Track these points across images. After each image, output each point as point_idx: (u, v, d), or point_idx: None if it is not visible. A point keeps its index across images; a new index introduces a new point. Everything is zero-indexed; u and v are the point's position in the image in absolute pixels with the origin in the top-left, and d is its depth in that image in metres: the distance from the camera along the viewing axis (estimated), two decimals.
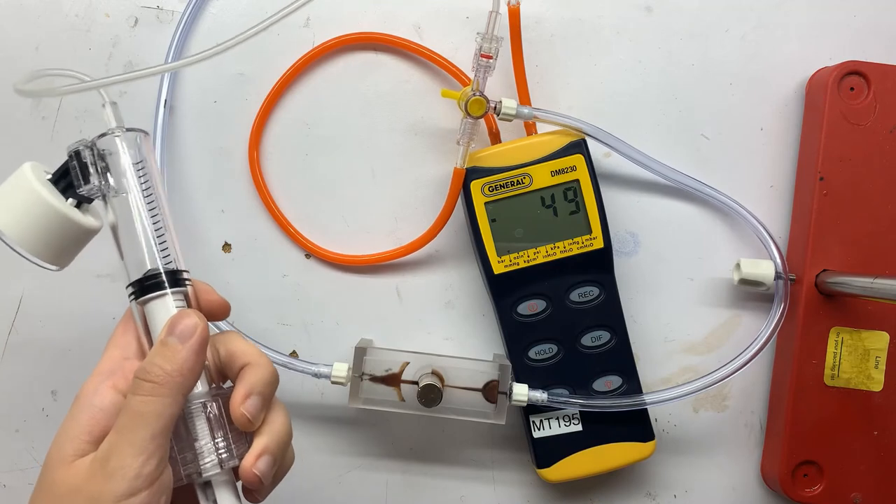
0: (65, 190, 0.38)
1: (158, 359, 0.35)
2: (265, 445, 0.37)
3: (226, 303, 0.41)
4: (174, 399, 0.35)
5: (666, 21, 0.53)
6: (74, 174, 0.37)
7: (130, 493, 0.33)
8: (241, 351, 0.38)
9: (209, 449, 0.36)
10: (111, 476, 0.33)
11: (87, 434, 0.35)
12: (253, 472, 0.36)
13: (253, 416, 0.37)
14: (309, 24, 0.52)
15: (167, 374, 0.35)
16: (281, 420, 0.38)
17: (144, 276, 0.37)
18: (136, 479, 0.33)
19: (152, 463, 0.33)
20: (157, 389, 0.34)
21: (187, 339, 0.36)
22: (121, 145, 0.38)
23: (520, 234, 0.48)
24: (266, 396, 0.38)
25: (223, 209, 0.52)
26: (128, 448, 0.33)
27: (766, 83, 0.53)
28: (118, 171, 0.38)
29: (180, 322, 0.36)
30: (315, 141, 0.52)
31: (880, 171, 0.49)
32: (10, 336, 0.53)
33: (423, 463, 0.53)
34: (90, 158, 0.38)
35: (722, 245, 0.53)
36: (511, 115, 0.48)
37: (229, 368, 0.38)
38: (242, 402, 0.36)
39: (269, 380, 0.38)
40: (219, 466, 0.36)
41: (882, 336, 0.49)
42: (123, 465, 0.33)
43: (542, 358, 0.49)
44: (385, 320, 0.53)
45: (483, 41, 0.46)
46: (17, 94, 0.41)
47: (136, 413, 0.34)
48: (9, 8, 0.52)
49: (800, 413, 0.49)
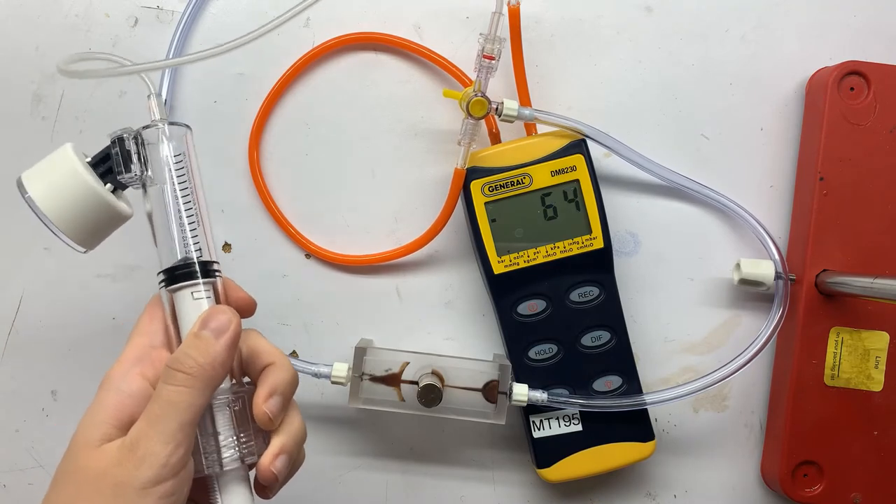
0: (103, 175, 0.39)
1: (193, 351, 0.36)
2: (283, 444, 0.38)
3: (252, 301, 0.42)
4: (204, 391, 0.35)
5: (666, 21, 0.53)
6: (116, 160, 0.38)
7: (157, 481, 0.33)
8: (265, 350, 0.39)
9: (231, 443, 0.37)
10: (140, 463, 0.33)
11: (115, 419, 0.35)
12: (271, 469, 0.37)
13: (274, 415, 0.37)
14: (309, 24, 0.52)
15: (200, 367, 0.35)
16: (298, 421, 0.39)
17: (176, 265, 0.38)
18: (164, 468, 0.33)
19: (180, 452, 0.34)
20: (190, 381, 0.35)
21: (221, 335, 0.36)
22: (163, 137, 0.39)
23: (520, 234, 0.48)
24: (287, 397, 0.38)
25: (223, 209, 0.52)
26: (157, 436, 0.34)
27: (766, 83, 0.53)
28: (158, 162, 0.39)
29: (215, 317, 0.37)
30: (315, 141, 0.52)
31: (880, 171, 0.49)
32: (10, 336, 0.52)
33: (423, 463, 0.53)
34: (133, 147, 0.39)
35: (722, 245, 0.53)
36: (512, 117, 0.48)
37: (251, 366, 0.39)
38: (265, 401, 0.37)
39: (291, 381, 0.39)
40: (239, 461, 0.37)
41: (882, 336, 0.49)
42: (153, 452, 0.33)
43: (542, 358, 0.49)
44: (385, 320, 0.53)
45: (486, 42, 0.46)
46: (60, 73, 0.41)
47: (168, 402, 0.34)
48: (9, 8, 0.52)
49: (800, 413, 0.49)
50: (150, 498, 0.33)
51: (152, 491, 0.33)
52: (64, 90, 0.52)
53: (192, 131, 0.41)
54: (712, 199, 0.51)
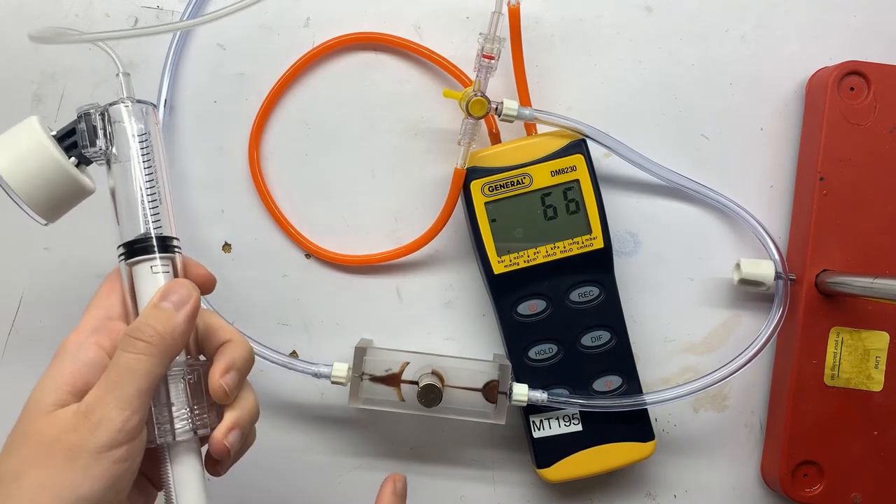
0: (67, 149, 0.39)
1: (152, 321, 0.36)
2: (237, 419, 0.38)
3: (212, 277, 0.42)
4: (162, 361, 0.36)
5: (666, 21, 0.53)
6: (81, 135, 0.39)
7: (112, 446, 0.34)
8: (221, 327, 0.40)
9: (184, 415, 0.37)
10: (95, 427, 0.34)
11: (70, 385, 0.35)
12: (224, 443, 0.38)
13: (231, 389, 0.38)
14: (309, 24, 0.52)
15: (160, 336, 0.36)
16: (251, 398, 0.40)
17: (135, 239, 0.39)
18: (119, 433, 0.34)
19: (135, 419, 0.34)
20: (148, 349, 0.35)
21: (182, 307, 0.37)
22: (128, 114, 0.39)
23: (520, 234, 0.48)
24: (243, 373, 0.39)
25: (223, 209, 0.52)
26: (114, 402, 0.34)
27: (766, 83, 0.53)
28: (122, 139, 0.39)
29: (175, 290, 0.37)
30: (315, 141, 0.52)
31: (880, 171, 0.49)
32: (10, 336, 0.53)
33: (423, 463, 0.53)
34: (99, 122, 0.39)
35: (722, 245, 0.53)
36: (512, 117, 0.48)
37: (207, 343, 0.40)
38: (222, 375, 0.38)
39: (248, 357, 0.39)
40: (192, 432, 0.38)
41: (882, 336, 0.49)
42: (108, 417, 0.34)
43: (542, 358, 0.49)
44: (385, 320, 0.53)
45: (485, 42, 0.46)
46: (30, 40, 0.41)
47: (126, 369, 0.35)
48: (9, 8, 0.52)
49: (800, 413, 0.49)
50: (105, 462, 0.33)
51: (107, 455, 0.33)
52: (64, 90, 0.52)
53: (156, 109, 0.41)
54: (712, 199, 0.51)
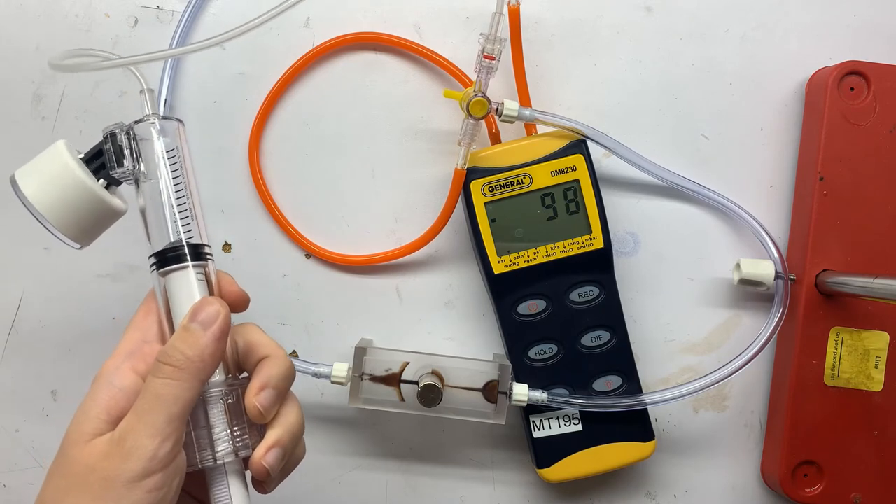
0: (96, 171, 0.39)
1: (180, 343, 0.36)
2: (276, 438, 0.38)
3: (246, 295, 0.42)
4: (192, 384, 0.35)
5: (666, 21, 0.53)
6: (108, 156, 0.39)
7: (145, 475, 0.33)
8: (260, 343, 0.39)
9: (225, 437, 0.37)
10: (127, 456, 0.33)
11: (106, 413, 0.35)
12: (262, 463, 0.37)
13: (265, 408, 0.37)
14: (309, 24, 0.52)
15: (188, 360, 0.35)
16: (294, 414, 0.39)
17: (167, 248, 0.38)
18: (152, 461, 0.33)
19: (167, 445, 0.34)
20: (177, 374, 0.35)
21: (209, 326, 0.36)
22: (155, 132, 0.39)
23: (520, 234, 0.48)
24: (281, 391, 0.38)
25: (223, 209, 0.52)
26: (144, 429, 0.34)
27: (766, 83, 0.53)
28: (151, 157, 0.39)
29: (203, 309, 0.37)
30: (315, 141, 0.52)
31: (880, 171, 0.49)
32: (10, 336, 0.53)
33: (423, 463, 0.53)
34: (125, 142, 0.39)
35: (722, 245, 0.53)
36: (513, 117, 0.48)
37: (247, 360, 0.39)
38: (257, 394, 0.37)
39: (285, 374, 0.39)
40: (233, 454, 0.37)
41: (882, 336, 0.49)
42: (140, 445, 0.33)
43: (542, 358, 0.49)
44: (385, 320, 0.53)
45: (486, 42, 0.46)
46: (51, 68, 0.41)
47: (155, 395, 0.34)
48: (9, 8, 0.52)
49: (800, 413, 0.49)
50: (138, 492, 0.33)
51: (140, 485, 0.33)
52: (64, 90, 0.52)
53: (184, 125, 0.41)
54: (712, 199, 0.51)
